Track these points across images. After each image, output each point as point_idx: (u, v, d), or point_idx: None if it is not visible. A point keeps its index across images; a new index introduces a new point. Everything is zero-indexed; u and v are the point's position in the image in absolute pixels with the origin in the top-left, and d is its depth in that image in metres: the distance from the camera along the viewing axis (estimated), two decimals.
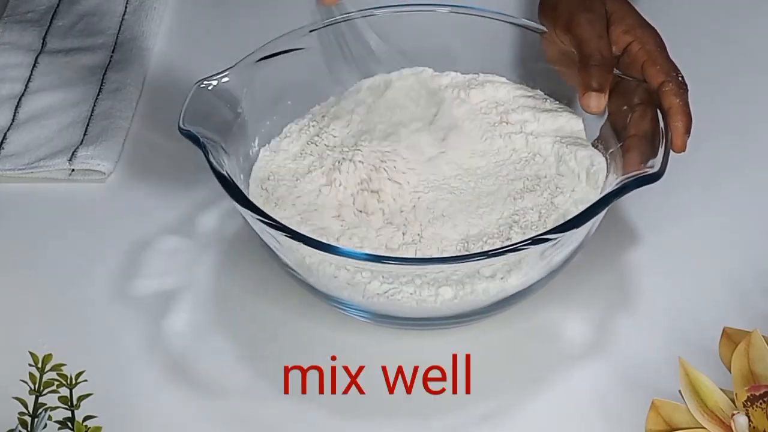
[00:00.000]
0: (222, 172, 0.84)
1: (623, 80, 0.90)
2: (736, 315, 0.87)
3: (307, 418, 0.83)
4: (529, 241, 0.80)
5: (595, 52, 0.89)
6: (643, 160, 0.85)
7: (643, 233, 0.94)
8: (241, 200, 0.83)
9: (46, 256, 0.95)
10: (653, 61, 0.89)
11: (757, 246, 0.93)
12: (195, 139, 0.85)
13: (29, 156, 1.01)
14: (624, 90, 0.90)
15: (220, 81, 0.90)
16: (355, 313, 0.86)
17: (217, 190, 0.85)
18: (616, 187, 0.83)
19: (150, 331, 0.88)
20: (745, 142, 1.01)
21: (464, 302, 0.83)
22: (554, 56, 0.95)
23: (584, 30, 0.90)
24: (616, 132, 0.90)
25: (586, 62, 0.89)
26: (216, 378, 0.86)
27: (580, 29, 0.90)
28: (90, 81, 1.08)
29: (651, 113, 0.88)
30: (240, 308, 0.90)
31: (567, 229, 0.81)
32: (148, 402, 0.84)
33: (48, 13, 1.15)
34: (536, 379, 0.85)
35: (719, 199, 0.97)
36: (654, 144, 0.86)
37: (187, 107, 0.88)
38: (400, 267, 0.82)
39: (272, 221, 0.81)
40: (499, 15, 0.97)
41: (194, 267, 0.93)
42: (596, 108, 0.88)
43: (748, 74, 1.08)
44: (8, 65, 1.10)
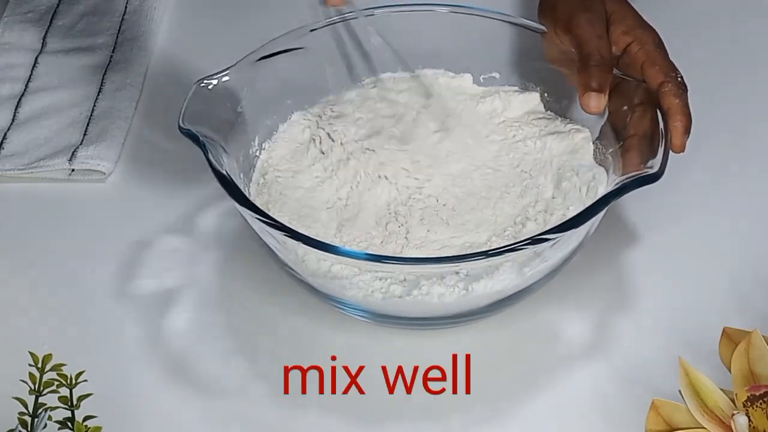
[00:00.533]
0: (222, 172, 0.84)
1: (623, 80, 0.90)
2: (736, 315, 0.87)
3: (307, 418, 0.83)
4: (528, 241, 0.80)
5: (595, 52, 0.89)
6: (643, 160, 0.85)
7: (643, 233, 0.94)
8: (240, 200, 0.83)
9: (46, 256, 0.95)
10: (653, 62, 0.89)
11: (757, 246, 0.93)
12: (195, 138, 0.85)
13: (29, 156, 1.01)
14: (624, 90, 0.90)
15: (221, 80, 0.90)
16: (355, 313, 0.86)
17: (217, 189, 0.85)
18: (616, 188, 0.83)
19: (150, 331, 0.88)
20: (746, 141, 1.01)
21: (464, 302, 0.83)
22: (555, 56, 0.95)
23: (584, 30, 0.90)
24: (615, 132, 0.90)
25: (586, 62, 0.89)
26: (216, 378, 0.86)
27: (580, 29, 0.90)
28: (90, 81, 1.08)
29: (651, 113, 0.88)
30: (240, 308, 0.90)
31: (566, 229, 0.81)
32: (148, 402, 0.84)
33: (48, 13, 1.15)
34: (536, 379, 0.85)
35: (719, 199, 0.97)
36: (654, 144, 0.86)
37: (187, 106, 0.88)
38: (399, 267, 0.82)
39: (272, 221, 0.81)
40: (499, 15, 0.97)
41: (195, 266, 0.93)
42: (596, 108, 0.88)
43: (747, 74, 1.07)
44: (8, 65, 1.10)
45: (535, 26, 0.95)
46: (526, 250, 0.80)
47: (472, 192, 0.91)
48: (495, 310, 0.85)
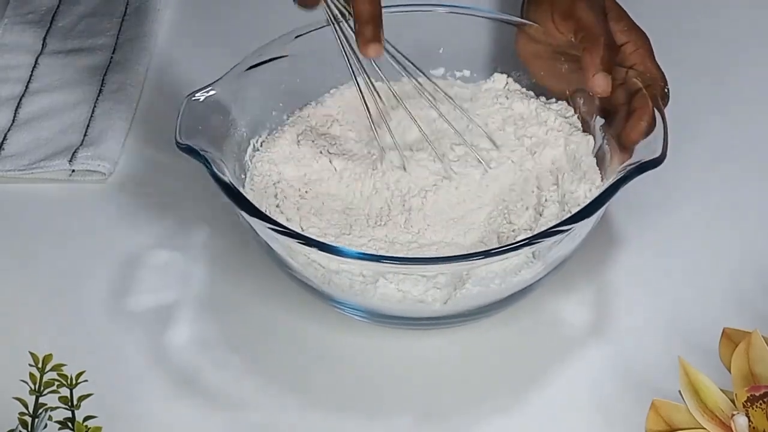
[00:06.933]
0: (227, 182, 0.84)
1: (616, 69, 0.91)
2: (736, 315, 0.87)
3: (308, 418, 0.83)
4: (525, 241, 0.80)
5: (602, 34, 0.89)
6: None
7: (643, 233, 0.94)
8: (250, 210, 0.83)
9: (46, 257, 0.95)
10: (645, 68, 0.90)
11: (757, 245, 0.93)
12: (194, 152, 0.85)
13: (29, 157, 1.01)
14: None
15: (209, 93, 0.90)
16: (354, 313, 0.86)
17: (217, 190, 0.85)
18: (621, 175, 0.82)
19: (150, 330, 0.88)
20: (746, 141, 1.01)
21: (463, 302, 0.83)
22: (530, 51, 0.95)
23: (588, 14, 0.91)
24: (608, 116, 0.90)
25: (594, 42, 0.89)
26: (216, 377, 0.86)
27: (584, 13, 0.91)
28: (90, 82, 1.08)
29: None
30: (240, 308, 0.90)
31: (577, 220, 0.81)
32: (148, 401, 0.84)
33: (48, 14, 1.15)
34: (536, 378, 0.85)
35: (719, 198, 0.97)
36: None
37: (181, 122, 0.87)
38: (399, 267, 0.82)
39: (282, 228, 0.81)
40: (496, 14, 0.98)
41: (195, 265, 0.93)
42: (604, 87, 0.88)
43: (748, 72, 1.07)
44: (9, 66, 1.10)
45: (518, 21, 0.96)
46: (524, 250, 0.80)
47: (473, 192, 0.91)
48: (495, 309, 0.86)
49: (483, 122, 0.94)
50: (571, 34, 0.91)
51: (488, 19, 0.98)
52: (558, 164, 0.91)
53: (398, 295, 0.82)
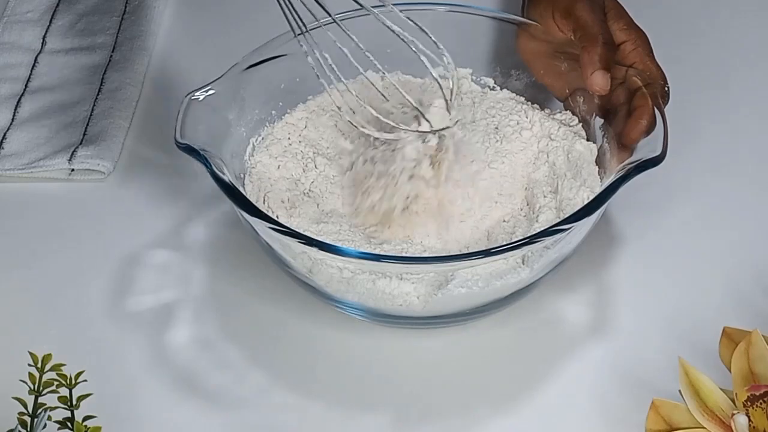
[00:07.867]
0: (227, 182, 0.84)
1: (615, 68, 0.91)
2: (736, 315, 0.87)
3: (308, 417, 0.83)
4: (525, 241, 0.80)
5: (601, 33, 0.90)
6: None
7: (643, 232, 0.94)
8: (250, 210, 0.83)
9: (46, 256, 0.95)
10: (645, 67, 0.90)
11: (756, 245, 0.93)
12: (194, 152, 0.85)
13: (29, 156, 1.01)
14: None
15: (208, 93, 0.90)
16: (355, 313, 0.86)
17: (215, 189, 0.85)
18: (621, 174, 0.82)
19: (150, 330, 0.88)
20: (746, 140, 1.01)
21: (463, 301, 0.83)
22: (532, 50, 0.95)
23: (587, 14, 0.91)
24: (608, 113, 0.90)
25: (592, 41, 0.89)
26: (215, 377, 0.86)
27: (584, 12, 0.91)
28: (90, 81, 1.08)
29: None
30: (239, 307, 0.90)
31: (579, 219, 0.81)
32: (147, 401, 0.84)
33: (48, 12, 1.15)
34: (536, 378, 0.85)
35: (719, 198, 0.97)
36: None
37: (180, 121, 0.87)
38: (399, 266, 0.82)
39: (282, 227, 0.81)
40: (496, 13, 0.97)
41: (195, 265, 0.93)
42: (603, 85, 0.88)
43: (747, 73, 1.07)
44: (8, 65, 1.10)
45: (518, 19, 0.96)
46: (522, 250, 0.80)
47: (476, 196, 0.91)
48: (495, 309, 0.86)
49: (484, 125, 0.94)
50: (571, 33, 0.92)
51: (488, 18, 0.98)
52: (559, 172, 0.91)
53: (395, 293, 0.83)
